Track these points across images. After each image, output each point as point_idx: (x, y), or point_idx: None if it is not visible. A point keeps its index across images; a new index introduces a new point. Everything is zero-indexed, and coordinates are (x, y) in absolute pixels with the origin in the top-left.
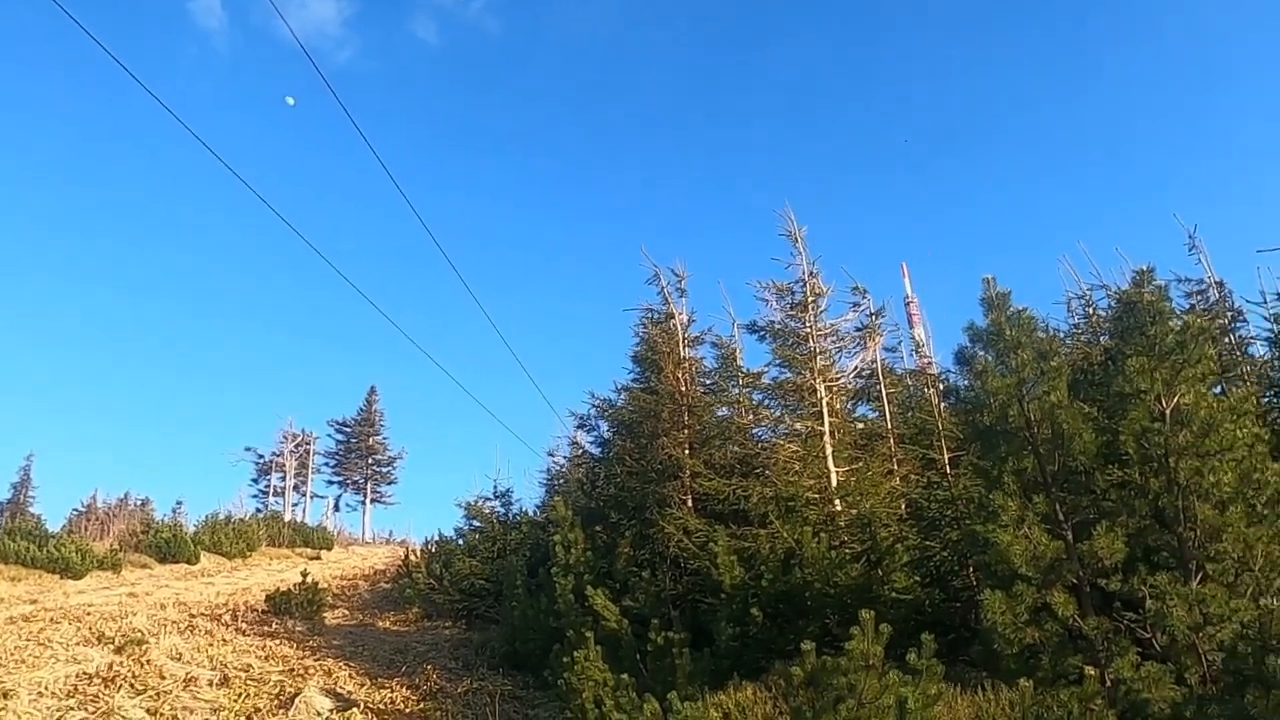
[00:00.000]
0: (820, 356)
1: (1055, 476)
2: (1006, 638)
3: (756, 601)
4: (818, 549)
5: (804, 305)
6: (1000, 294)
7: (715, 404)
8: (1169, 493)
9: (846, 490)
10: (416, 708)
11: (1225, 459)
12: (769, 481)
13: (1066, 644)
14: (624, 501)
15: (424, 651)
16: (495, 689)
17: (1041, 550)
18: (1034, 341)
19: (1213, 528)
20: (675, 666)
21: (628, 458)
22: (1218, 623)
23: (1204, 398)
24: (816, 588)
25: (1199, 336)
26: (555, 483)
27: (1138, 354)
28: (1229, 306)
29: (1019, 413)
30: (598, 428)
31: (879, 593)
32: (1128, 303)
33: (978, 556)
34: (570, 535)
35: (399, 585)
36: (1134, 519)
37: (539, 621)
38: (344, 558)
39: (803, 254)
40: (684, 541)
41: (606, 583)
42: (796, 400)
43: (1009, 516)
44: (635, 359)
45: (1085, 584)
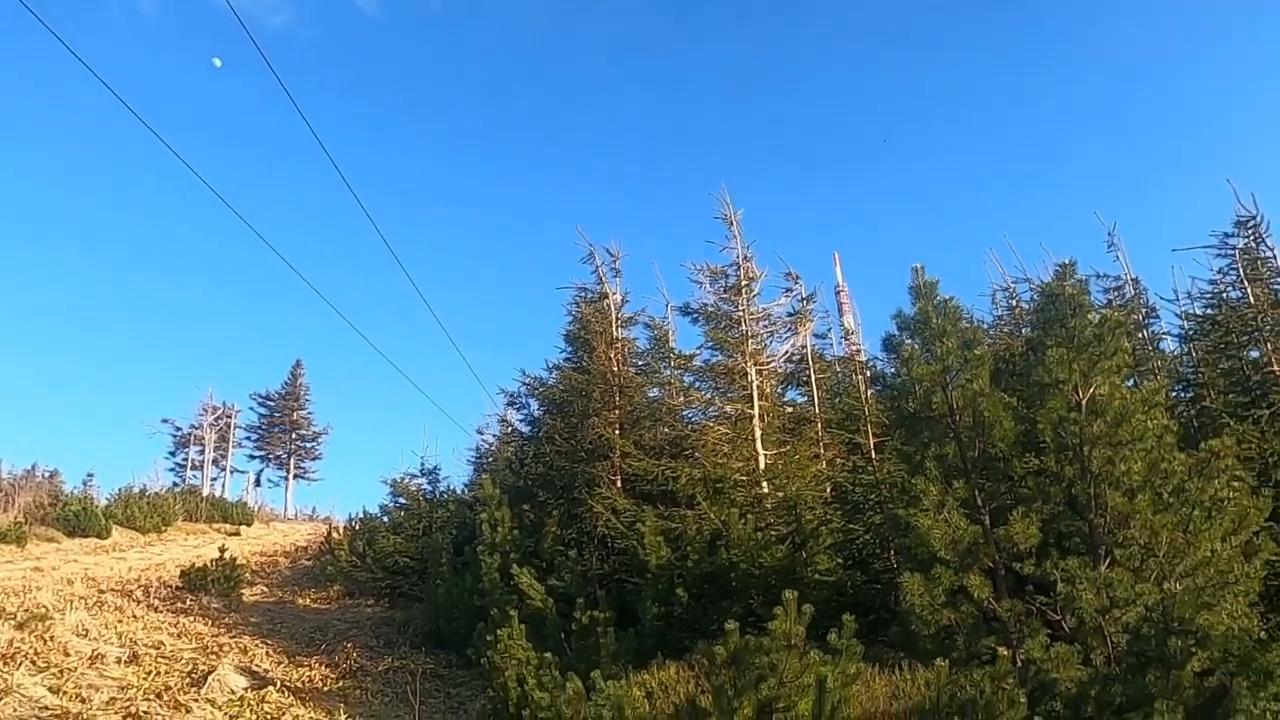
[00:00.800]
0: (752, 340)
1: (975, 463)
2: (924, 619)
3: (682, 582)
4: (744, 530)
5: (737, 289)
6: (928, 283)
7: (647, 385)
8: (1082, 480)
9: (774, 473)
10: (336, 686)
11: (1136, 449)
12: (698, 463)
13: (981, 625)
14: (553, 480)
15: (345, 629)
16: (417, 667)
17: (960, 534)
18: (959, 330)
19: (1122, 515)
20: (600, 645)
21: (557, 436)
22: (1124, 606)
23: (1118, 389)
24: (742, 568)
25: (1115, 330)
26: (484, 461)
27: (1058, 345)
28: (1143, 303)
29: (942, 400)
30: (528, 406)
31: (803, 574)
32: (1050, 295)
33: (899, 540)
34: (497, 513)
35: (321, 562)
36: (1049, 505)
37: (463, 600)
38: (264, 534)
39: (738, 238)
40: (612, 521)
41: (533, 561)
42: (727, 383)
43: (930, 501)
44: (568, 338)
45: (1000, 567)
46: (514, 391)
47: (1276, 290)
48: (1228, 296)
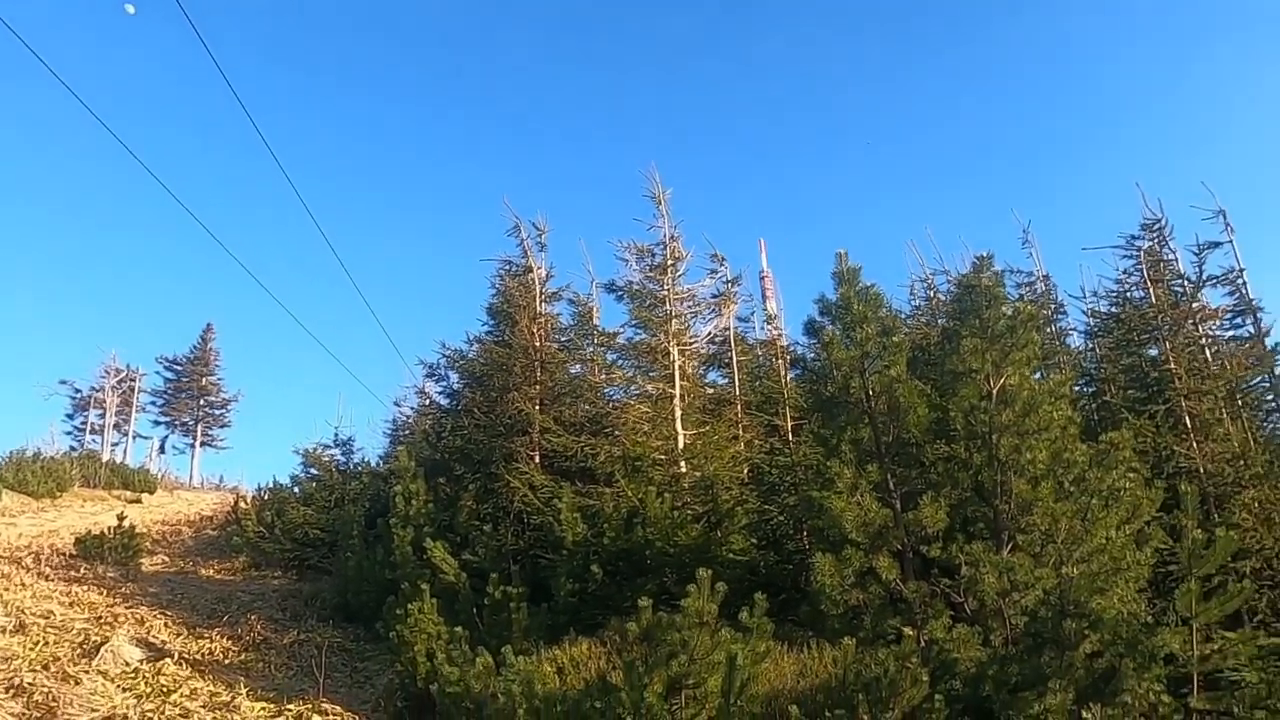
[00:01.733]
0: (676, 320)
1: (889, 447)
2: (834, 599)
3: (597, 559)
4: (661, 509)
5: (663, 268)
6: (851, 269)
7: (569, 361)
8: (990, 467)
9: (693, 453)
10: (237, 659)
11: (1041, 438)
12: (617, 441)
13: (888, 606)
14: (470, 454)
15: (249, 601)
16: (324, 640)
17: (871, 517)
18: (879, 317)
19: (1025, 501)
20: (512, 621)
21: (476, 410)
22: (1023, 589)
23: (1027, 380)
24: (657, 546)
25: (1027, 323)
26: (401, 433)
27: (972, 335)
28: (1054, 299)
29: (860, 385)
30: (447, 378)
31: (717, 553)
32: (966, 287)
33: (812, 521)
34: (412, 486)
35: (226, 533)
36: (957, 491)
37: (374, 573)
38: (168, 502)
39: (665, 217)
40: (529, 497)
41: (447, 536)
42: (650, 362)
43: (844, 484)
44: (490, 311)
45: (909, 550)
46: (433, 363)
47: (1176, 292)
48: (1131, 296)
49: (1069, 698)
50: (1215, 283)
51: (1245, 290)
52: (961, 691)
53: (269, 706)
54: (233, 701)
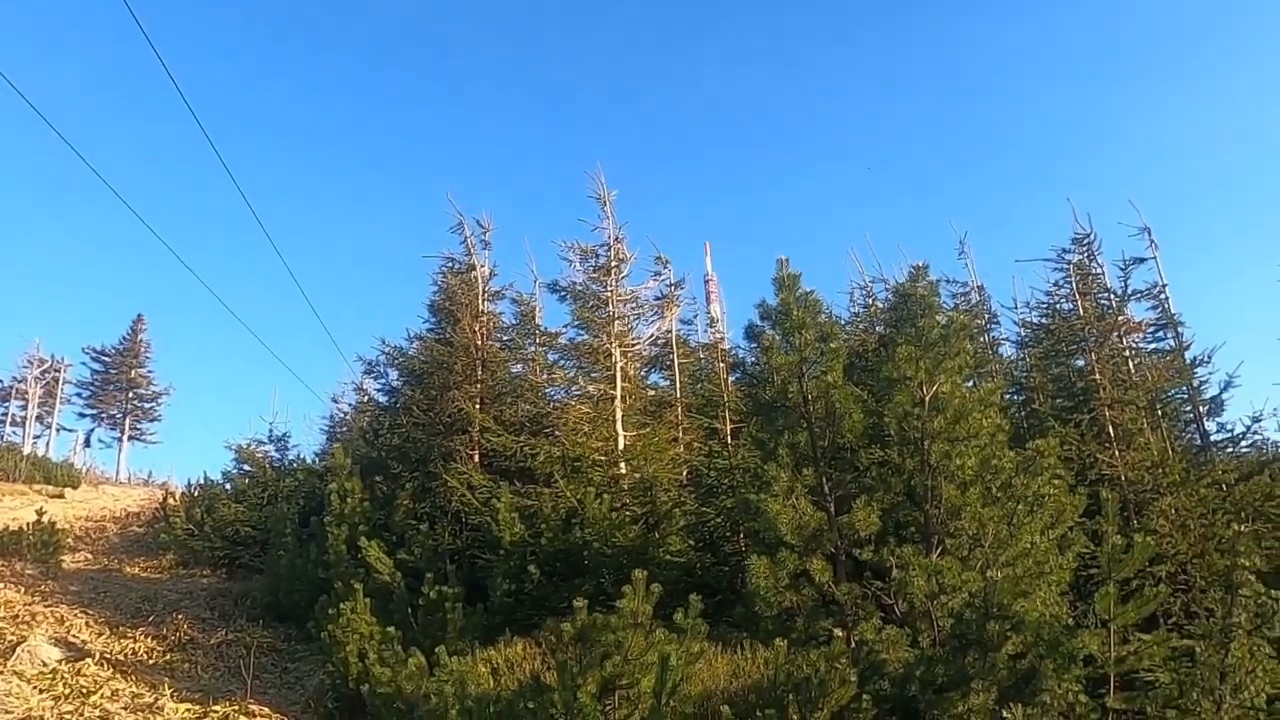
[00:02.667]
0: (618, 321)
1: (825, 452)
2: (768, 600)
3: (535, 559)
4: (599, 510)
5: (607, 269)
6: (791, 275)
7: (510, 360)
8: (921, 473)
9: (632, 454)
10: (162, 659)
11: (971, 445)
12: (558, 441)
13: (820, 608)
14: (408, 453)
15: (176, 600)
16: (253, 640)
17: (806, 520)
18: (818, 323)
19: (954, 506)
20: (447, 621)
21: (415, 408)
22: (951, 592)
23: (959, 388)
24: (595, 547)
25: (960, 332)
26: (338, 430)
27: (907, 343)
28: (987, 309)
29: (798, 389)
30: (387, 375)
31: (654, 554)
32: (903, 295)
33: (749, 523)
34: (348, 484)
35: (154, 530)
36: (889, 495)
37: (307, 572)
38: (92, 497)
39: (610, 218)
40: (467, 496)
41: (382, 535)
42: (591, 363)
43: (780, 487)
44: (432, 308)
45: (842, 553)
46: (372, 360)
47: (1103, 305)
48: (1061, 308)
49: (991, 697)
50: (1140, 297)
51: (1167, 305)
52: (889, 691)
53: (194, 708)
54: (156, 703)
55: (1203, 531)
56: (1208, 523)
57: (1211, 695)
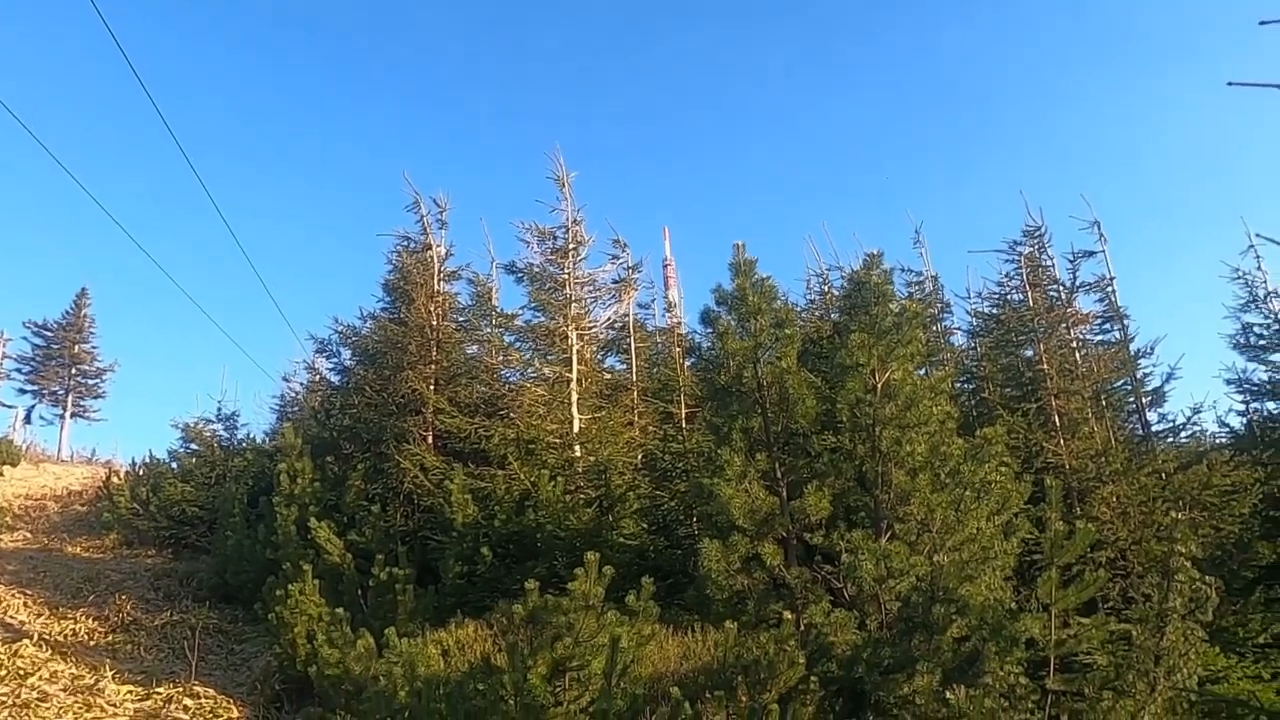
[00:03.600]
0: (575, 304)
1: (778, 437)
2: (719, 584)
3: (488, 541)
4: (553, 492)
5: (565, 251)
6: (747, 261)
7: (466, 341)
8: (872, 458)
9: (587, 437)
10: (104, 640)
11: (921, 432)
12: (512, 423)
13: (771, 591)
14: (360, 433)
15: (119, 581)
16: (198, 621)
17: (759, 504)
18: (773, 309)
19: (904, 492)
20: (398, 603)
21: (368, 388)
22: (898, 576)
23: (910, 376)
24: (548, 529)
25: (913, 320)
26: (289, 410)
27: (860, 330)
28: (940, 298)
29: (753, 375)
30: (339, 355)
31: (608, 537)
32: (857, 283)
33: (702, 507)
34: (298, 464)
35: (97, 509)
36: (841, 480)
37: (255, 553)
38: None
39: (569, 200)
40: (420, 478)
41: (333, 515)
42: (548, 345)
43: (733, 471)
44: (386, 287)
45: (793, 537)
46: (325, 339)
47: (1052, 296)
48: (1011, 299)
49: (935, 679)
50: (1088, 289)
51: (1114, 298)
52: (836, 673)
53: (136, 690)
54: (96, 684)
55: (1142, 519)
56: (1147, 510)
57: (1146, 677)
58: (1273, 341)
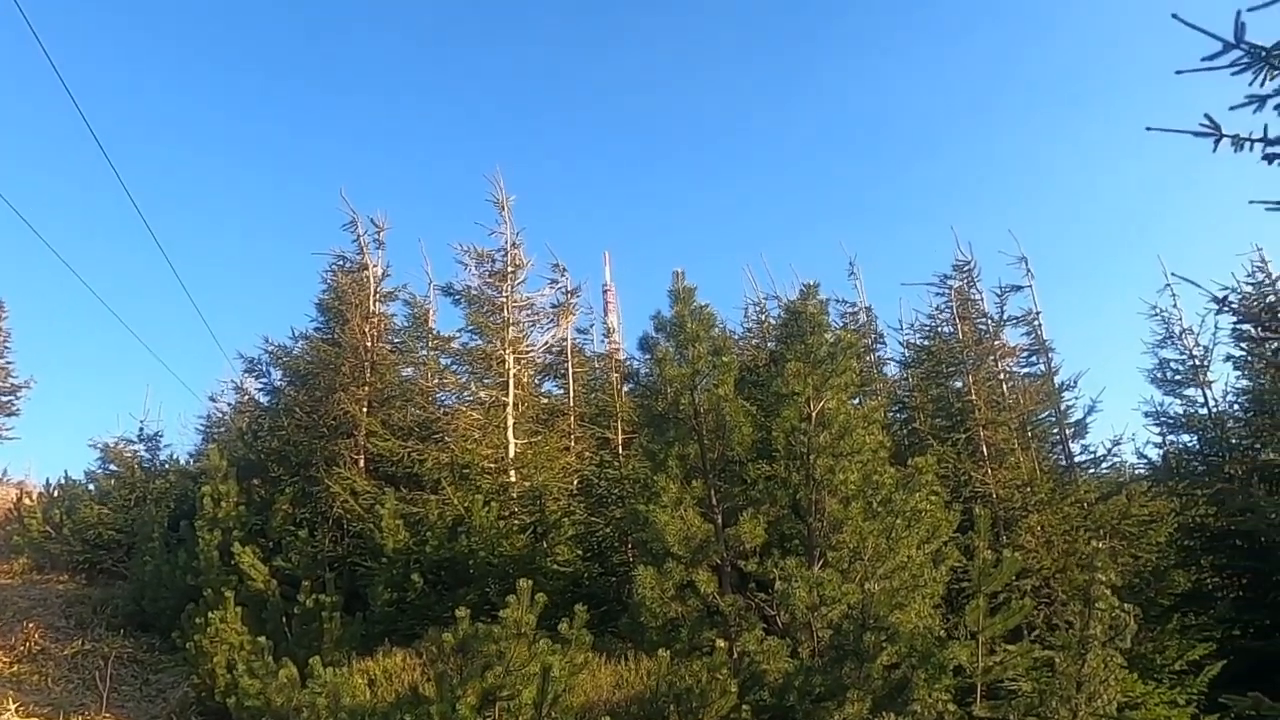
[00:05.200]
0: (513, 327)
1: (714, 464)
2: (653, 611)
3: (419, 567)
4: (487, 518)
5: (503, 275)
6: (686, 288)
7: (401, 363)
8: (806, 486)
9: (523, 462)
10: (9, 671)
11: (854, 460)
12: (447, 447)
13: (705, 619)
14: (289, 456)
15: (27, 608)
16: (112, 651)
17: (694, 531)
18: (711, 337)
19: (837, 520)
20: (324, 630)
21: (299, 410)
22: (831, 603)
23: (844, 405)
24: (481, 556)
25: (847, 350)
26: (215, 431)
27: (796, 359)
28: (874, 329)
29: (690, 402)
30: (269, 375)
31: (542, 564)
32: (793, 313)
33: (637, 534)
34: (223, 487)
35: (7, 531)
36: (775, 508)
37: (174, 579)
38: None
39: (508, 223)
40: (350, 502)
41: (258, 541)
42: (484, 368)
43: (669, 498)
44: (320, 307)
45: (728, 565)
46: (254, 358)
47: (981, 329)
48: (942, 331)
49: (865, 707)
50: (1015, 323)
51: (1040, 331)
52: (769, 701)
53: None
54: None
55: (1065, 548)
56: (1070, 539)
57: (1069, 704)
58: (1187, 377)
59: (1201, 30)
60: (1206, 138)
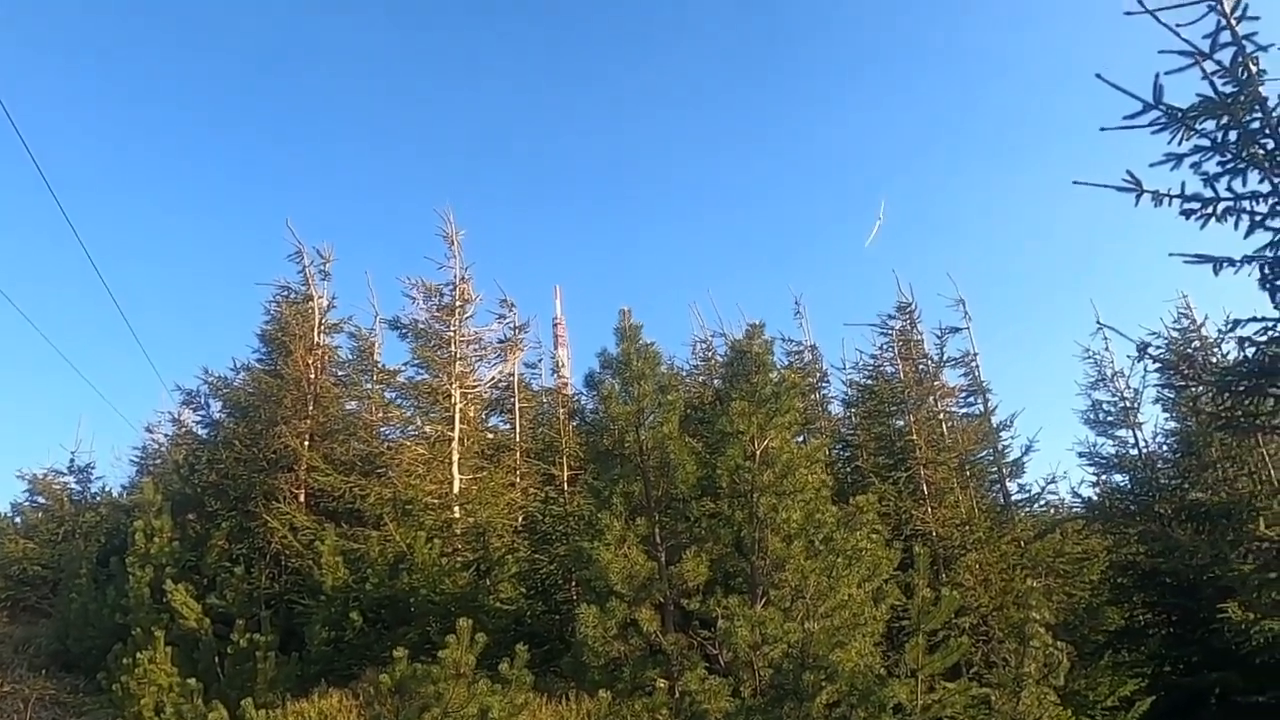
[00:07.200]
0: (460, 362)
1: (659, 502)
2: (596, 650)
3: (358, 605)
4: (429, 554)
5: (451, 309)
6: (633, 326)
7: (345, 396)
8: (749, 524)
9: (467, 498)
10: None
11: (797, 499)
12: (390, 482)
13: (648, 658)
14: (227, 490)
15: None
16: (33, 692)
17: (637, 569)
18: (657, 375)
19: (779, 558)
20: (258, 671)
21: (238, 442)
22: (773, 642)
23: (788, 444)
24: (423, 594)
25: (791, 390)
26: (150, 463)
27: (741, 398)
28: (819, 367)
29: (635, 439)
30: (208, 407)
31: (484, 602)
32: (739, 352)
33: (581, 572)
34: (156, 522)
35: None
36: (718, 546)
37: (102, 617)
38: None
39: (457, 258)
40: (288, 538)
41: (192, 577)
42: (430, 403)
43: (613, 536)
44: (263, 337)
45: (671, 603)
46: (193, 390)
47: (922, 370)
48: (884, 370)
49: None
50: (954, 364)
51: (978, 372)
52: None
53: None
54: None
55: (1003, 585)
56: (1007, 577)
57: None
58: (1118, 418)
59: (1123, 90)
60: (1129, 193)
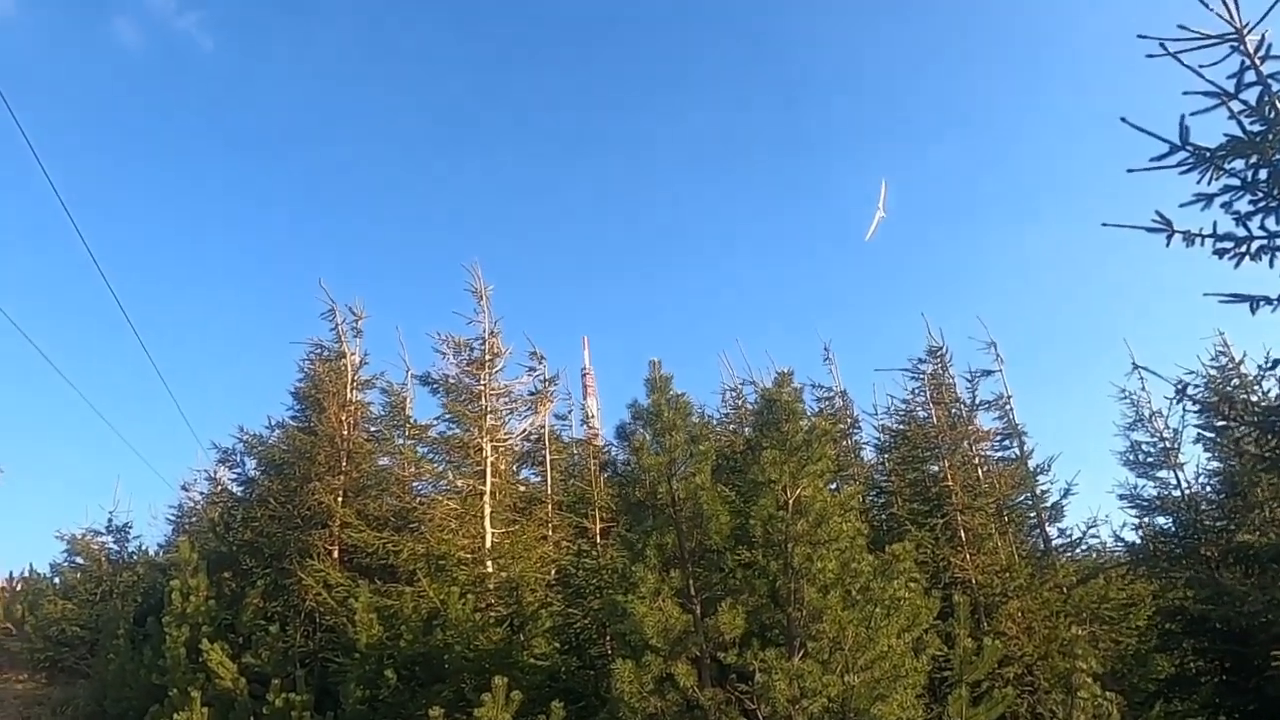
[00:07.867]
0: (491, 416)
1: (692, 553)
2: (632, 706)
3: (392, 663)
4: (463, 610)
5: (481, 363)
6: (663, 377)
7: (377, 452)
8: (785, 575)
9: (500, 552)
10: None
11: (832, 548)
12: (423, 537)
13: (684, 713)
14: (261, 548)
15: None
16: None
17: (672, 623)
18: (688, 425)
19: (816, 609)
20: None
21: (273, 500)
22: (812, 696)
23: (820, 492)
24: (457, 650)
25: (823, 437)
26: (186, 521)
27: (772, 447)
28: (850, 414)
29: (667, 490)
30: (243, 464)
31: (518, 658)
32: (769, 400)
33: (615, 626)
34: (192, 581)
35: None
36: (754, 597)
37: (139, 677)
38: None
39: (486, 312)
40: (323, 595)
41: (228, 636)
42: (461, 457)
43: (647, 588)
44: (297, 395)
45: (707, 656)
46: (228, 448)
47: (955, 414)
48: (917, 415)
49: None
50: (987, 407)
51: (1012, 415)
52: None
53: None
54: None
55: (1047, 634)
56: (1051, 625)
57: None
58: (1158, 459)
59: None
60: (1159, 233)
